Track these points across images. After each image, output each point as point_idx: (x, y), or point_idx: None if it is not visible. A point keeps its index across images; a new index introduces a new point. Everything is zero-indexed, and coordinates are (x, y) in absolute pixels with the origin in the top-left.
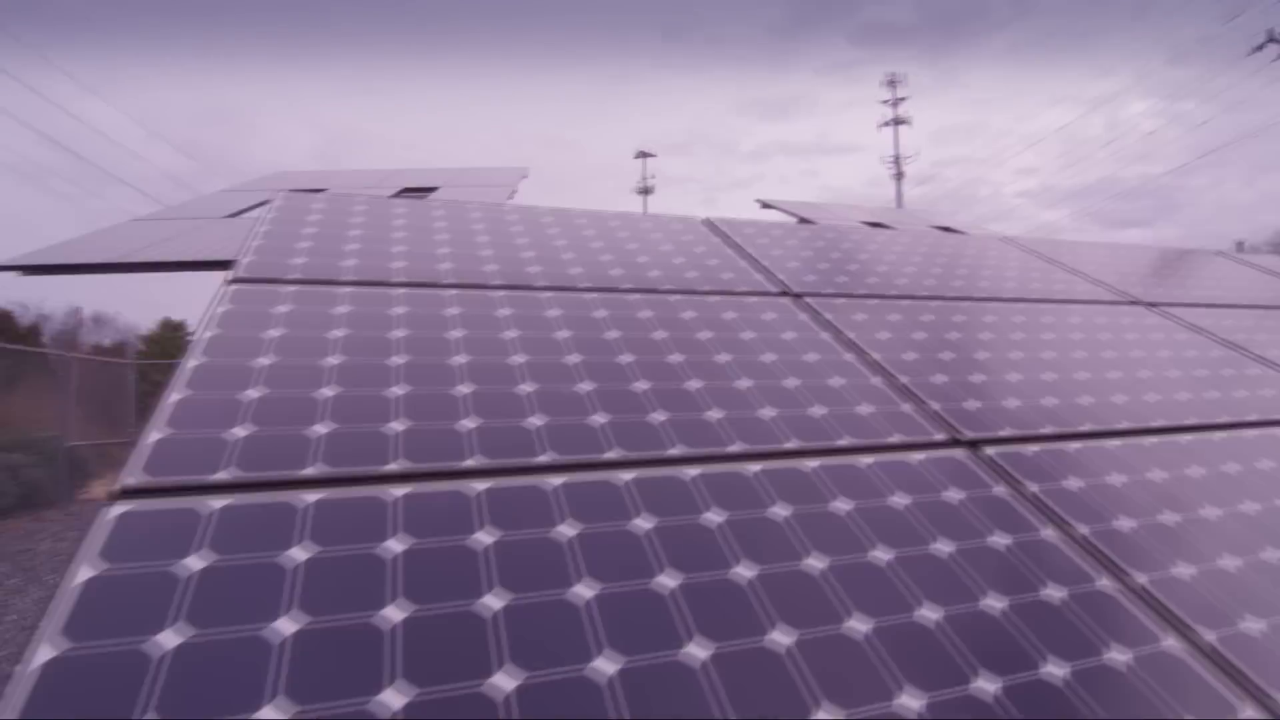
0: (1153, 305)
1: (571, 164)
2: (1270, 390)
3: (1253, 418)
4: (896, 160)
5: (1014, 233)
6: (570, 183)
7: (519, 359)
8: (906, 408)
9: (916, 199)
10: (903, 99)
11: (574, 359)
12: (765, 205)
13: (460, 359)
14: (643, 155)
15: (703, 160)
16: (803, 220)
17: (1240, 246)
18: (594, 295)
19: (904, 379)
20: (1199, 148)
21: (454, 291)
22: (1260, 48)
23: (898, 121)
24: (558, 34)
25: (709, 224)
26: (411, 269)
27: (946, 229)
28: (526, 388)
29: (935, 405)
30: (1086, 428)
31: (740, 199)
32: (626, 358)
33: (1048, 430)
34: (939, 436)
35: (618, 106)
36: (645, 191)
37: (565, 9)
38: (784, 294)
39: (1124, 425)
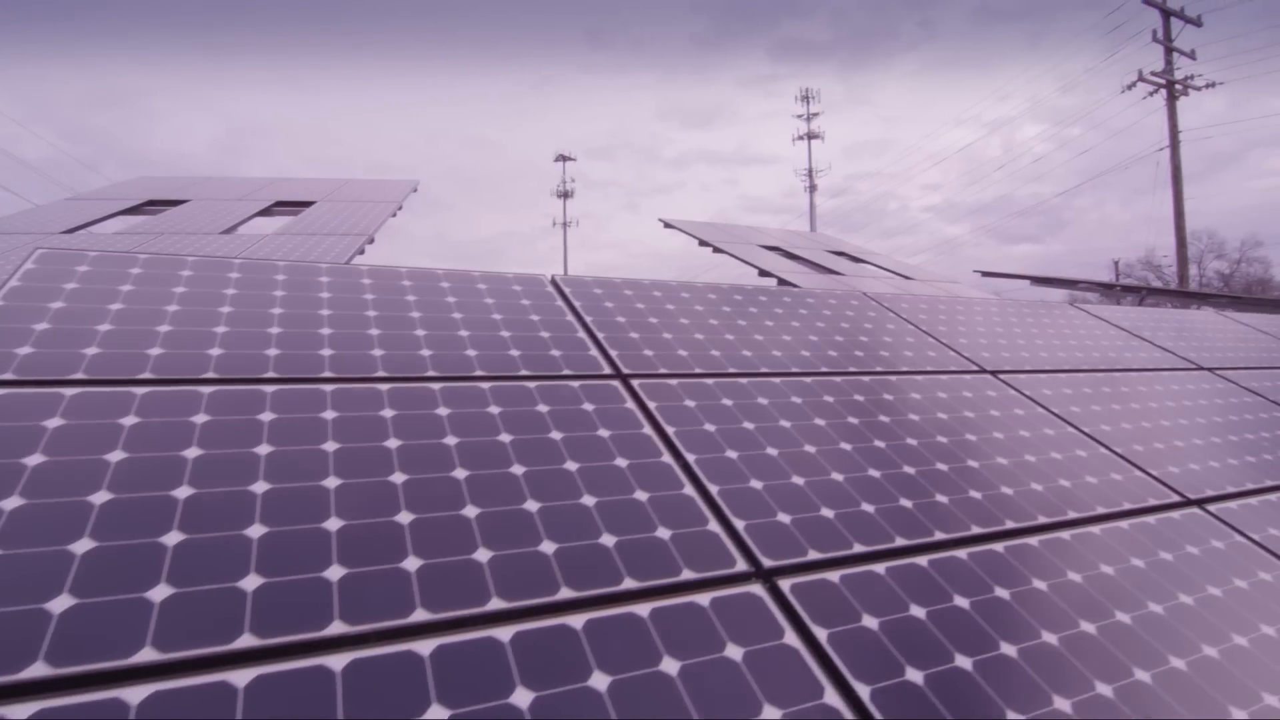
0: (996, 373)
1: (492, 165)
2: (1095, 476)
3: (1071, 514)
4: (810, 174)
5: (919, 245)
6: (491, 183)
7: (260, 486)
8: (711, 526)
9: (830, 210)
10: (816, 114)
11: (333, 483)
12: (667, 225)
13: (183, 490)
14: (562, 159)
15: (625, 165)
16: (703, 243)
17: (1116, 265)
18: (389, 387)
19: (715, 487)
20: (1084, 171)
21: (211, 389)
22: (1131, 86)
23: (811, 136)
24: (481, 33)
25: (555, 285)
26: (166, 359)
27: (840, 253)
28: (258, 528)
29: (740, 523)
30: (899, 542)
31: (662, 205)
32: (398, 477)
33: (857, 549)
34: (738, 568)
35: (541, 108)
36: (565, 195)
37: (489, 7)
38: (614, 375)
39: (938, 536)
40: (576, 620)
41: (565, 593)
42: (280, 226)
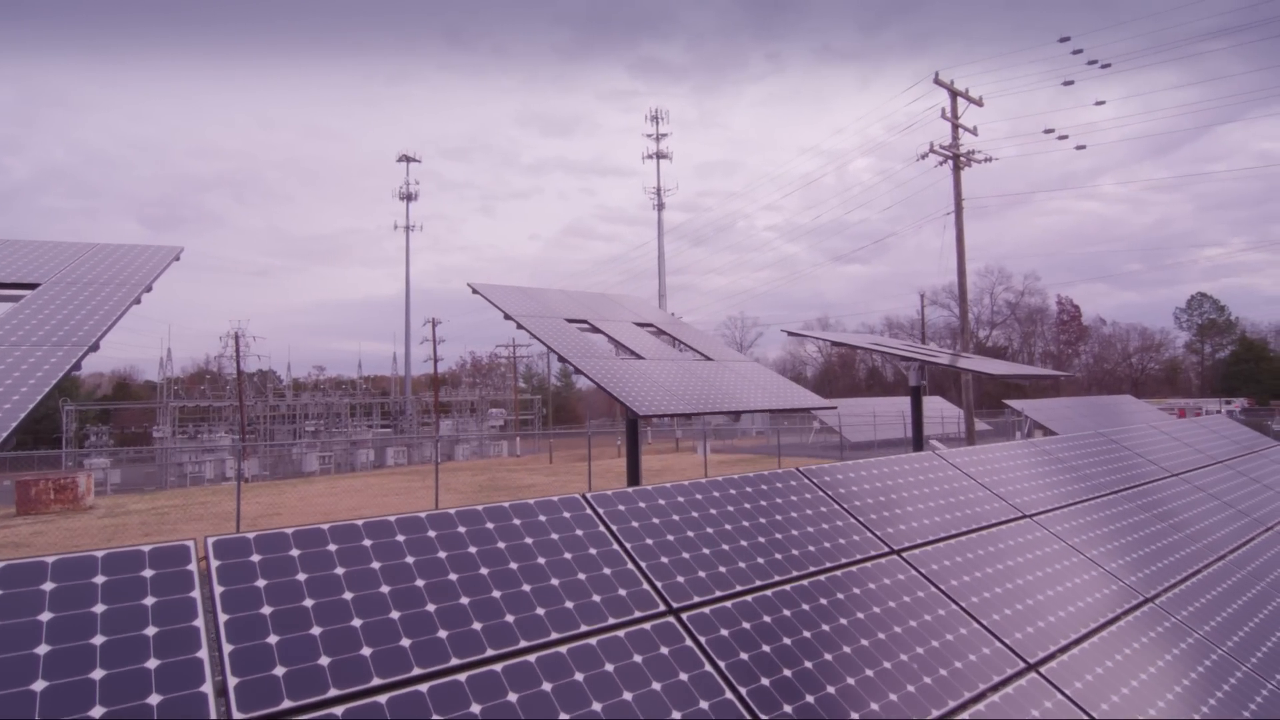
0: (681, 611)
1: (338, 158)
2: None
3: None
4: (659, 192)
5: (765, 261)
6: (336, 177)
7: None
8: None
9: (683, 225)
10: (665, 135)
11: None
12: (475, 291)
13: None
14: (405, 159)
15: (482, 168)
16: (507, 316)
17: (923, 298)
18: None
19: None
20: (907, 203)
21: None
22: (924, 156)
23: (660, 156)
24: (328, 17)
25: (206, 561)
26: None
27: (646, 325)
28: None
29: None
30: None
31: (520, 209)
32: None
33: None
34: None
35: (393, 104)
36: (408, 198)
37: None
38: None
39: None
40: None
41: None
42: None
